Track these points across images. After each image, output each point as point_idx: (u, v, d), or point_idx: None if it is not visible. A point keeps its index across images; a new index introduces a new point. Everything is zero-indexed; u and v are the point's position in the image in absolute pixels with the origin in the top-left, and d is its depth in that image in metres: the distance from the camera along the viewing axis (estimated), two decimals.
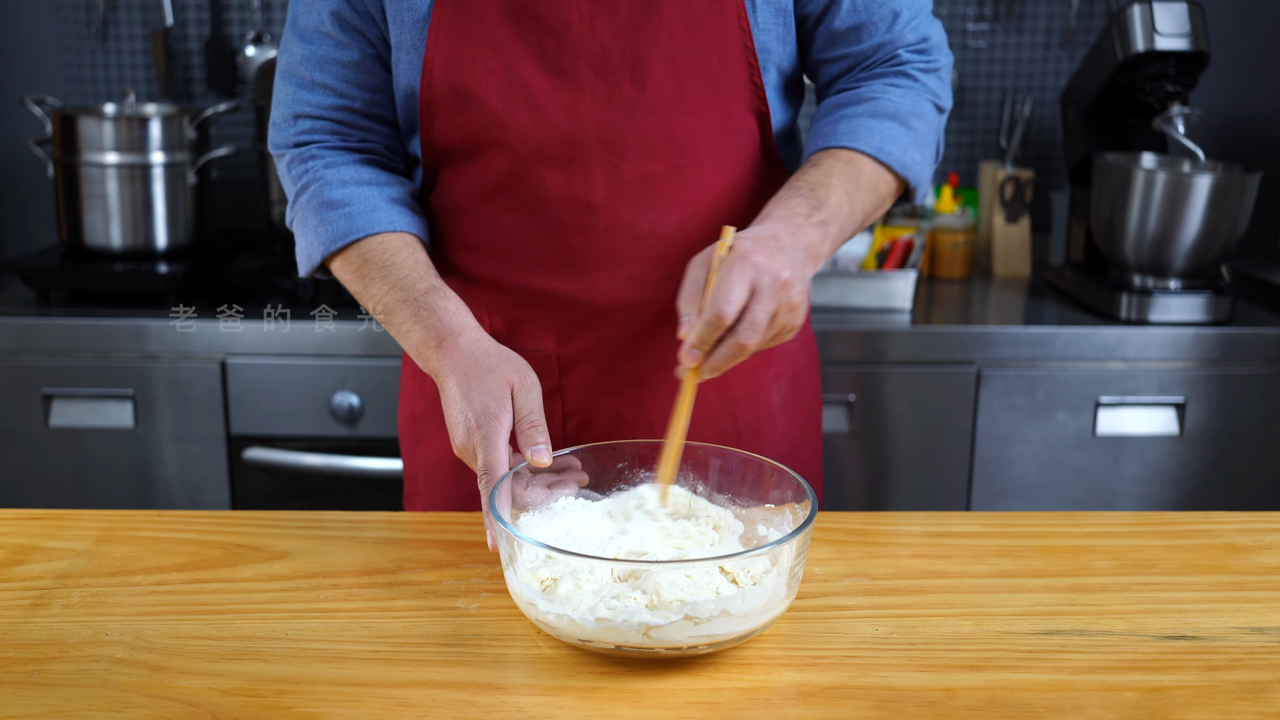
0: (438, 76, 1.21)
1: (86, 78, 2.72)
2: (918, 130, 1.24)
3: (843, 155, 1.21)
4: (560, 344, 1.28)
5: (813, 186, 1.16)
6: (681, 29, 1.20)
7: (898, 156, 1.22)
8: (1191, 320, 2.17)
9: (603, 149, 1.21)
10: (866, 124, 1.22)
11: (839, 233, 1.17)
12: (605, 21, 1.19)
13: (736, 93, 1.23)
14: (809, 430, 1.42)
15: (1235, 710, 0.87)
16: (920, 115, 1.25)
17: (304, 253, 1.27)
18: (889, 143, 1.22)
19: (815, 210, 1.14)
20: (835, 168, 1.19)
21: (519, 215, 1.24)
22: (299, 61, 1.26)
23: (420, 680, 0.91)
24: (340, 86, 1.26)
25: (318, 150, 1.27)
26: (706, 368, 1.04)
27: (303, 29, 1.26)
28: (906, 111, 1.24)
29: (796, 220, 1.12)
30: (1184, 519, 1.21)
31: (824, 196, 1.15)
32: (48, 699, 0.88)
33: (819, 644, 0.96)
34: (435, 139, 1.25)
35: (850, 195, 1.18)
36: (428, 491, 1.39)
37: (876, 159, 1.21)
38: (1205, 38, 2.16)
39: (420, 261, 1.22)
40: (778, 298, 1.04)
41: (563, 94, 1.20)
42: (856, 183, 1.19)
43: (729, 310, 1.01)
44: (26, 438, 2.17)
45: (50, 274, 2.30)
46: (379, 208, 1.24)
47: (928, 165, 1.26)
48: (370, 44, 1.25)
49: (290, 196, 1.30)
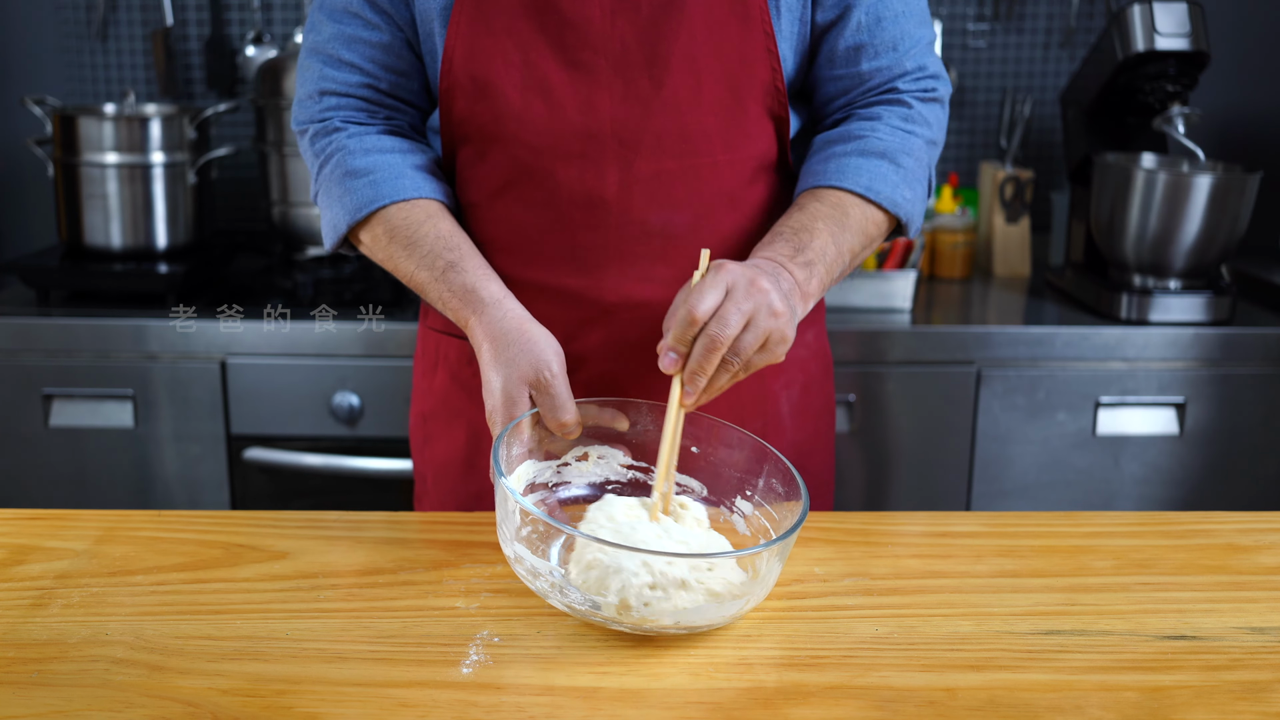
0: (457, 64, 1.22)
1: (86, 78, 2.72)
2: (908, 168, 1.25)
3: (830, 197, 1.22)
4: (568, 340, 1.28)
5: (796, 230, 1.18)
6: (703, 29, 1.20)
7: (887, 194, 1.23)
8: (1191, 320, 2.17)
9: (617, 144, 1.21)
10: (855, 163, 1.23)
11: (825, 273, 1.18)
12: (626, 18, 1.19)
13: (756, 95, 1.23)
14: (818, 439, 1.41)
15: (1235, 710, 0.87)
16: (910, 153, 1.26)
17: (329, 225, 1.27)
18: (878, 181, 1.23)
19: (799, 252, 1.16)
20: (820, 211, 1.21)
21: (531, 209, 1.24)
22: (327, 40, 1.27)
23: (420, 680, 0.91)
24: (367, 66, 1.26)
25: (341, 123, 1.28)
26: (685, 373, 1.05)
27: (332, 8, 1.26)
28: (896, 149, 1.25)
29: (780, 260, 1.15)
30: (1184, 519, 1.21)
31: (807, 240, 1.18)
32: (48, 699, 0.88)
33: (819, 644, 0.96)
34: (454, 126, 1.25)
35: (836, 238, 1.19)
36: (436, 490, 1.39)
37: (865, 198, 1.22)
38: (1205, 38, 2.16)
39: (443, 233, 1.23)
40: (753, 299, 1.05)
41: (580, 88, 1.20)
42: (842, 225, 1.21)
43: (700, 306, 1.03)
44: (26, 438, 2.17)
45: (50, 274, 2.30)
46: (404, 174, 1.25)
47: (919, 202, 1.27)
48: (399, 28, 1.26)
49: (313, 172, 1.30)
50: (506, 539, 0.99)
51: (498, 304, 1.17)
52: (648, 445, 1.15)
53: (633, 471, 1.15)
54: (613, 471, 1.15)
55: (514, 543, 0.98)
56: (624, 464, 1.15)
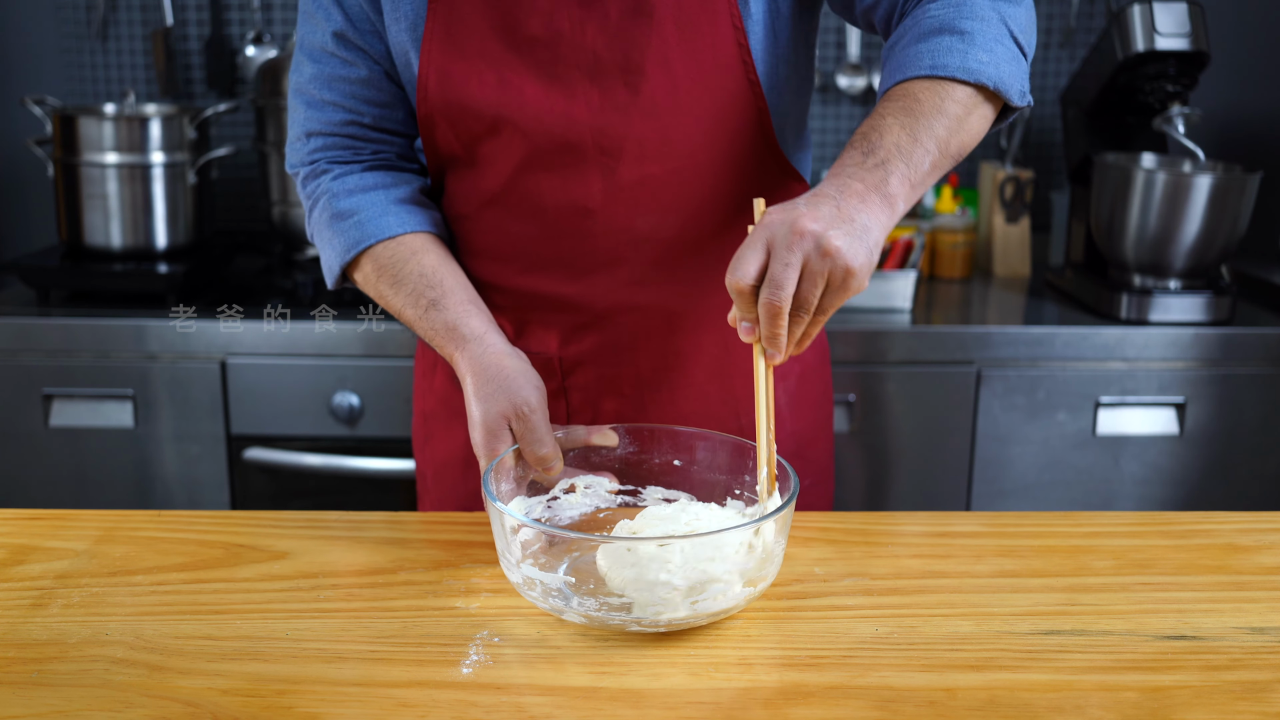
0: (433, 91, 1.22)
1: (86, 78, 2.72)
2: (973, 32, 1.12)
3: (896, 92, 1.11)
4: (563, 346, 1.29)
5: (864, 134, 1.08)
6: (673, 31, 1.19)
7: (956, 64, 1.10)
8: (1191, 320, 2.17)
9: (599, 153, 1.21)
10: (913, 50, 1.13)
11: (907, 167, 1.06)
12: (595, 26, 1.19)
13: (733, 93, 1.22)
14: (817, 428, 1.41)
15: (1235, 710, 0.87)
16: (972, 16, 1.13)
17: (325, 266, 1.30)
18: (940, 56, 1.10)
19: (868, 155, 1.05)
20: (887, 108, 1.10)
21: (519, 221, 1.25)
22: (308, 80, 1.28)
23: (420, 680, 0.91)
24: (348, 103, 1.28)
25: (327, 165, 1.30)
26: (764, 340, 1.00)
27: (309, 48, 1.28)
28: (951, 19, 1.12)
29: (848, 170, 1.04)
30: (1184, 519, 1.21)
31: (876, 140, 1.06)
32: (48, 699, 0.88)
33: (819, 644, 0.96)
34: (438, 148, 1.26)
35: (909, 127, 1.07)
36: (436, 489, 1.39)
37: (933, 77, 1.10)
38: (1205, 38, 2.16)
39: (426, 270, 1.24)
40: (798, 248, 0.97)
41: (557, 100, 1.20)
42: (914, 113, 1.08)
43: (740, 273, 0.97)
44: (26, 438, 2.17)
45: (50, 274, 2.30)
46: (387, 211, 1.26)
47: (1006, 63, 1.12)
48: (376, 61, 1.26)
49: (306, 214, 1.32)
50: (510, 565, 1.00)
51: (479, 340, 1.19)
52: (631, 470, 1.15)
53: (621, 497, 1.15)
54: (601, 499, 1.15)
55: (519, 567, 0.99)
56: (611, 490, 1.15)
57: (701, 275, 1.25)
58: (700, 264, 1.25)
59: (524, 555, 1.01)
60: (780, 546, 1.00)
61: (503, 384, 1.14)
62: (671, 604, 0.94)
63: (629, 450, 1.15)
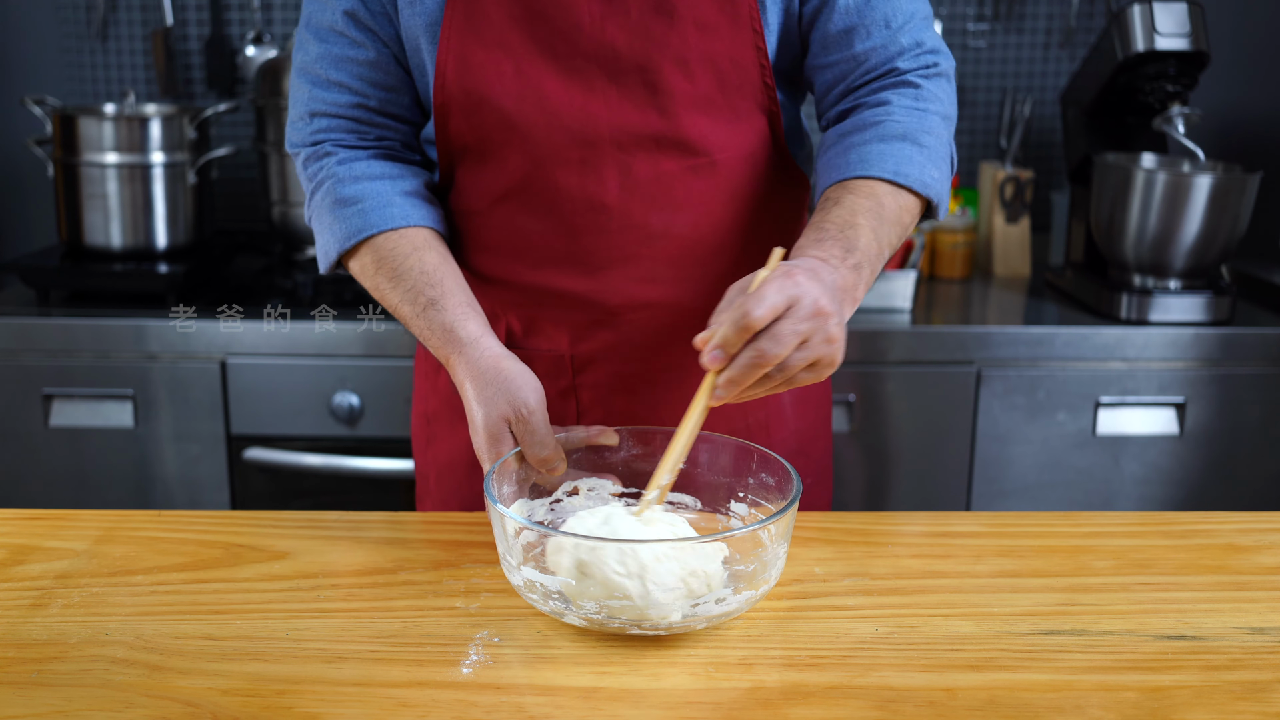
0: (450, 79, 1.21)
1: (86, 78, 2.72)
2: (930, 147, 1.21)
3: (862, 188, 1.17)
4: (574, 344, 1.29)
5: (842, 228, 1.12)
6: (693, 31, 1.19)
7: (916, 176, 1.18)
8: (1191, 320, 2.17)
9: (615, 149, 1.21)
10: (878, 149, 1.18)
11: (870, 275, 1.12)
12: (616, 23, 1.19)
13: (748, 93, 1.23)
14: (818, 427, 1.42)
15: (1235, 710, 0.87)
16: (929, 131, 1.22)
17: (321, 250, 1.28)
18: (904, 164, 1.18)
19: (848, 254, 1.10)
20: (859, 205, 1.15)
21: (533, 216, 1.24)
22: (314, 60, 1.26)
23: (420, 680, 0.91)
24: (356, 85, 1.26)
25: (332, 147, 1.27)
26: (723, 379, 0.99)
27: (317, 27, 1.26)
28: (915, 130, 1.20)
29: (834, 263, 1.08)
30: (1184, 519, 1.21)
31: (854, 239, 1.11)
32: (48, 699, 0.88)
33: (819, 644, 0.96)
34: (451, 139, 1.25)
35: (877, 233, 1.13)
36: (438, 490, 1.39)
37: (895, 183, 1.17)
38: (1205, 38, 2.16)
39: (427, 268, 1.22)
40: (812, 323, 0.99)
41: (575, 95, 1.20)
42: (881, 218, 1.15)
43: (757, 313, 0.97)
44: (26, 438, 2.17)
45: (50, 274, 2.30)
46: (392, 203, 1.25)
47: (945, 180, 1.22)
48: (385, 44, 1.25)
49: (306, 195, 1.30)
50: (511, 568, 1.00)
51: (475, 343, 1.17)
52: (635, 472, 1.15)
53: (625, 499, 1.15)
54: (604, 501, 1.14)
55: (519, 570, 0.99)
56: (614, 493, 1.14)
57: (713, 274, 1.25)
58: (712, 262, 1.25)
59: (525, 558, 1.01)
60: (782, 549, 1.00)
61: (501, 386, 1.13)
62: (671, 608, 0.94)
63: (632, 452, 1.15)
